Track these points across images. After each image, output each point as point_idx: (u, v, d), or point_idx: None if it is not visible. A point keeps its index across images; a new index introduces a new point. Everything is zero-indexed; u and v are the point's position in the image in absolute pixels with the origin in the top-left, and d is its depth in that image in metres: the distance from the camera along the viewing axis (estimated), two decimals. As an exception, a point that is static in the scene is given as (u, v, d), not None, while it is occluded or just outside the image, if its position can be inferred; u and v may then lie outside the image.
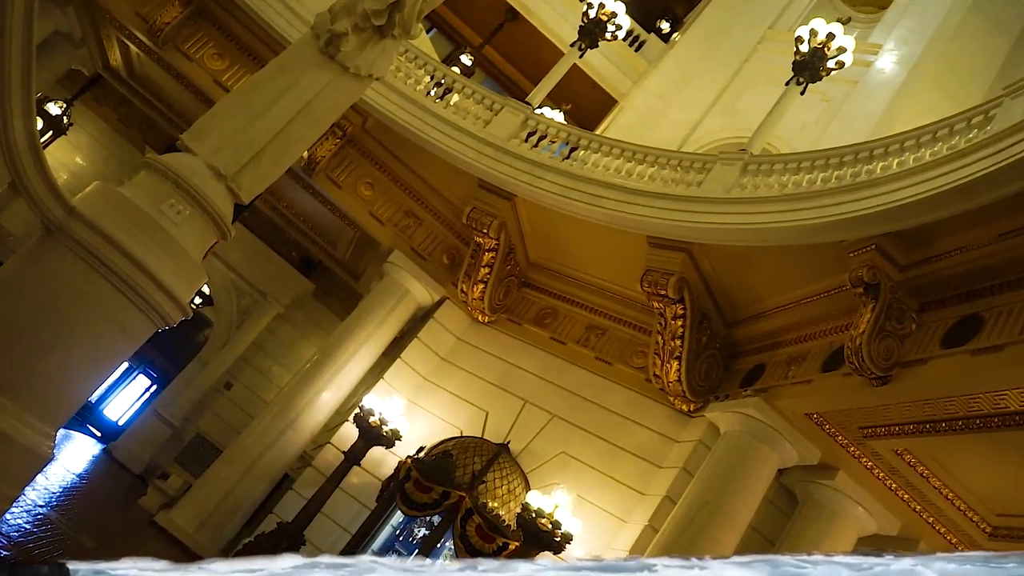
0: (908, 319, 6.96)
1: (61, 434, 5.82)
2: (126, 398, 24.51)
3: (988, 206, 5.98)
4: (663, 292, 8.95)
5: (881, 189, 6.94)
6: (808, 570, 1.55)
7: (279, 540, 9.60)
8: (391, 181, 11.94)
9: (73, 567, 1.58)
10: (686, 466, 9.14)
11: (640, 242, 9.23)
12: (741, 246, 8.57)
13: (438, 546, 9.57)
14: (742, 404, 8.70)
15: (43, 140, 14.19)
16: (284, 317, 18.01)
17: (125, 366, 22.80)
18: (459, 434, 10.61)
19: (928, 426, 7.40)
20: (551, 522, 8.41)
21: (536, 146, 10.58)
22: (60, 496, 9.73)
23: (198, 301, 17.95)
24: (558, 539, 8.36)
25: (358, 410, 10.21)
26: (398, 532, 10.57)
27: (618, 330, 10.62)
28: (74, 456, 14.01)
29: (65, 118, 15.27)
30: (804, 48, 10.01)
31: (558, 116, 16.03)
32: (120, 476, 15.71)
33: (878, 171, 7.25)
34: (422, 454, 9.91)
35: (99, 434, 21.10)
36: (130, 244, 5.13)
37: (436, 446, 10.31)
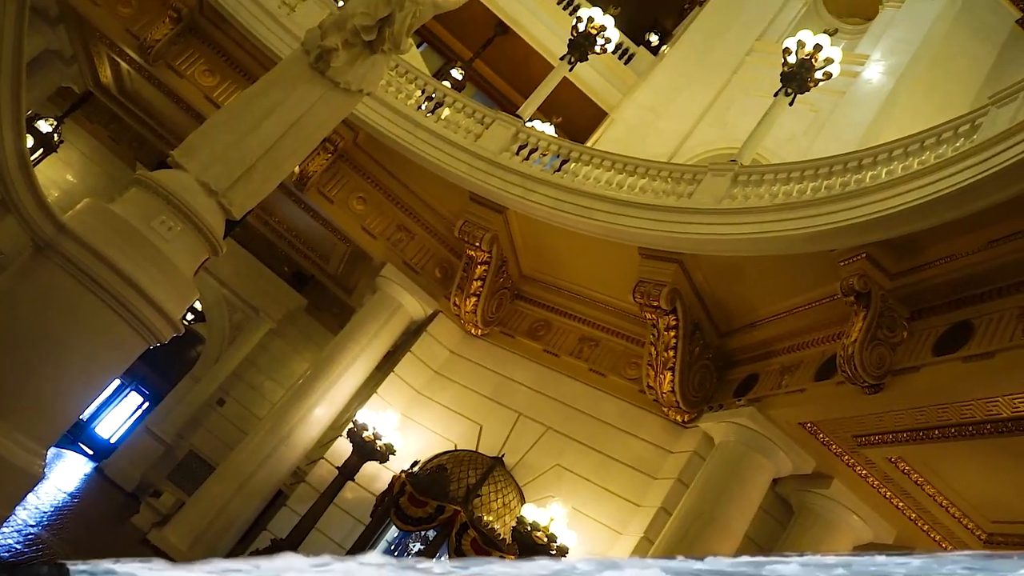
0: (899, 327, 6.99)
1: (52, 452, 5.78)
2: (118, 416, 24.31)
3: (977, 214, 6.03)
4: (656, 303, 8.97)
5: (870, 198, 6.98)
6: None
7: (273, 557, 9.53)
8: (383, 195, 11.95)
9: (73, 567, 1.57)
10: (681, 477, 9.13)
11: (632, 253, 9.25)
12: (733, 256, 8.60)
13: (433, 561, 9.51)
14: (736, 414, 8.70)
15: (34, 157, 14.16)
16: (277, 332, 17.93)
17: (117, 383, 22.65)
18: (453, 448, 10.58)
19: (921, 433, 7.42)
20: (546, 535, 8.39)
21: (527, 159, 10.61)
22: (51, 515, 9.63)
23: (190, 317, 17.89)
24: (554, 552, 8.33)
25: (352, 425, 10.18)
26: (393, 547, 10.51)
27: (611, 342, 10.63)
28: (65, 475, 13.90)
29: (56, 135, 15.26)
30: (792, 60, 10.08)
31: (549, 129, 16.08)
32: (112, 494, 15.56)
33: (867, 180, 7.30)
34: (416, 468, 9.87)
35: (91, 452, 20.94)
36: (121, 261, 5.10)
37: (430, 460, 10.27)
